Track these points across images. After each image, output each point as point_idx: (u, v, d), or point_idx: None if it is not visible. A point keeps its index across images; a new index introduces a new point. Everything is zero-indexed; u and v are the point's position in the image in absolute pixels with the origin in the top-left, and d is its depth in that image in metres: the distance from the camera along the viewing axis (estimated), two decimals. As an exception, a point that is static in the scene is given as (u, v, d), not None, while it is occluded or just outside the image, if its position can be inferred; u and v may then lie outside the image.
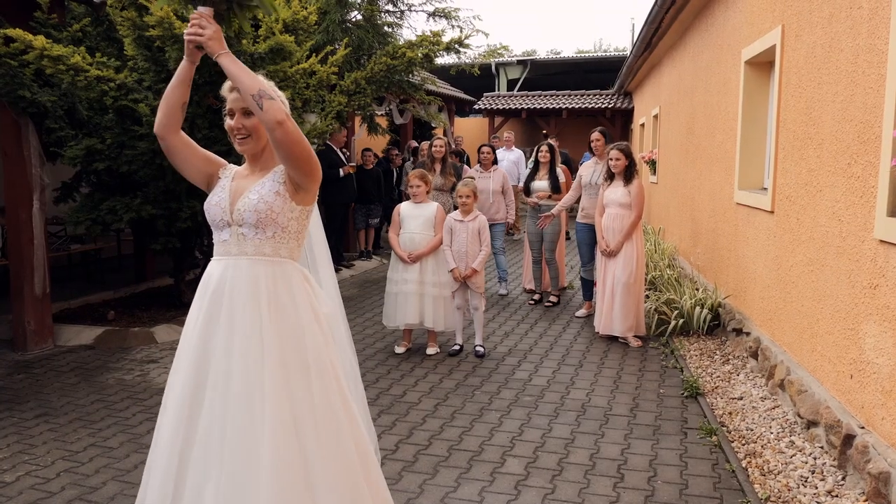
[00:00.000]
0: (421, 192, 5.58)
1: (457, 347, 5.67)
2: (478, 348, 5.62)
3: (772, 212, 4.88)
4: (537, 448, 3.80)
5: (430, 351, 5.68)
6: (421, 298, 5.51)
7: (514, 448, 3.80)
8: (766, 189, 5.39)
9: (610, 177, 6.08)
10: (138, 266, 8.74)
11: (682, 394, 4.62)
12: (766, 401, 4.37)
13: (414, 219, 5.51)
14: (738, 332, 5.53)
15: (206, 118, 5.28)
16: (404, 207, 5.63)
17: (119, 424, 4.23)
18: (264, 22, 5.89)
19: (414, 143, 12.49)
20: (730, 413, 4.25)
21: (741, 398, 4.48)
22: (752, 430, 3.97)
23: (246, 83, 2.11)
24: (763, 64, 5.62)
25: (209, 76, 5.04)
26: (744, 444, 3.77)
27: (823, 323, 3.86)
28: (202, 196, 2.42)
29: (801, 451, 3.61)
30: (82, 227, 5.69)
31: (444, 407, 4.45)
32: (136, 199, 5.62)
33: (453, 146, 13.31)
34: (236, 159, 2.67)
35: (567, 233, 9.15)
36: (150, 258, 8.62)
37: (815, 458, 3.49)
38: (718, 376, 4.95)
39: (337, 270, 9.36)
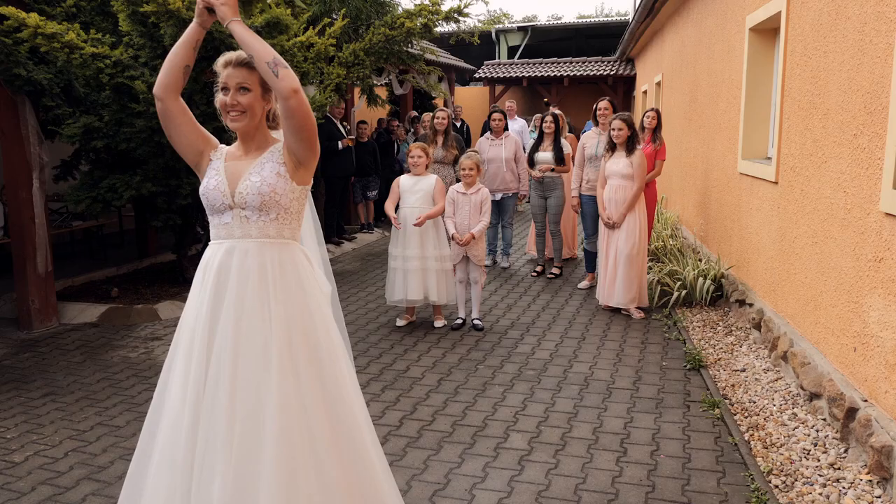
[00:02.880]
0: (421, 164, 5.54)
1: (459, 321, 5.68)
2: (475, 322, 5.63)
3: (776, 182, 4.84)
4: (540, 423, 3.82)
5: (438, 324, 5.69)
6: (424, 273, 5.50)
7: (517, 423, 3.82)
8: (770, 159, 5.35)
9: (612, 147, 6.02)
10: (140, 242, 8.74)
11: (685, 366, 4.64)
12: (769, 373, 4.39)
13: (413, 193, 5.48)
14: (741, 303, 5.53)
15: (203, 94, 5.21)
16: (403, 180, 5.60)
17: (125, 403, 4.26)
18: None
19: (414, 114, 12.38)
20: (732, 385, 4.26)
21: (744, 370, 4.49)
22: (754, 402, 3.98)
23: (259, 50, 2.09)
24: (768, 31, 5.53)
25: (206, 51, 4.96)
26: (746, 417, 3.79)
27: (827, 295, 3.84)
28: None
29: (803, 423, 3.62)
30: (82, 206, 5.66)
31: (447, 382, 4.47)
32: (136, 177, 5.59)
33: (457, 113, 13.20)
34: (229, 140, 2.63)
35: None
36: (153, 234, 8.61)
37: (817, 431, 3.51)
38: (721, 348, 4.96)
39: (339, 244, 9.35)
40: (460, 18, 8.07)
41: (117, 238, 9.63)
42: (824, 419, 3.62)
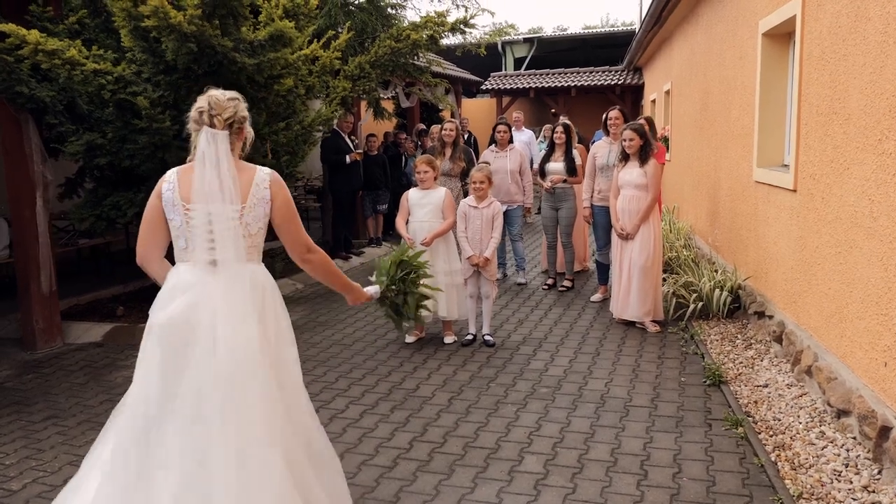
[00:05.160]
0: (428, 178, 5.43)
1: (470, 337, 5.55)
2: (487, 338, 5.49)
3: (794, 190, 4.69)
4: (556, 444, 3.68)
5: (448, 340, 5.56)
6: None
7: (531, 444, 3.68)
8: (787, 167, 5.20)
9: (624, 157, 5.90)
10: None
11: (705, 382, 4.48)
12: (793, 388, 4.23)
13: (421, 207, 5.37)
14: (761, 315, 5.37)
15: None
16: (412, 195, 5.49)
17: (128, 426, 4.14)
18: (264, 8, 5.73)
19: (421, 126, 12.30)
20: (755, 402, 4.10)
21: (766, 385, 4.33)
22: (779, 419, 3.82)
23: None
24: (781, 36, 5.40)
25: (210, 65, 4.89)
26: (772, 436, 3.63)
27: (853, 307, 3.69)
28: None
29: (832, 442, 3.46)
30: (87, 224, 5.58)
31: (458, 401, 4.33)
32: (140, 194, 5.50)
33: (463, 125, 13.11)
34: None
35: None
36: (160, 251, 8.52)
37: (847, 451, 3.35)
38: (741, 362, 4.80)
39: (346, 258, 9.25)
40: (466, 30, 8.00)
41: (124, 255, 9.55)
42: (854, 438, 3.46)
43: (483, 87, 18.13)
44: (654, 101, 14.12)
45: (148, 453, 2.30)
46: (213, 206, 2.36)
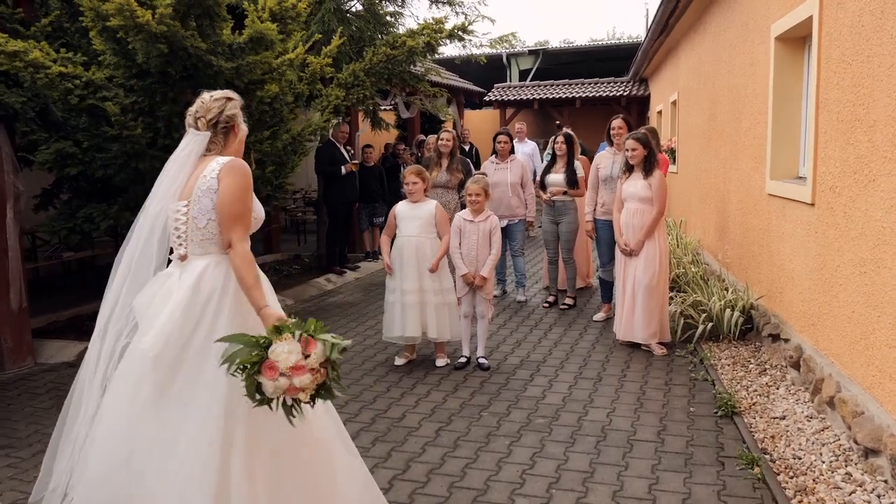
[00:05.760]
0: (418, 189, 5.10)
1: (463, 359, 5.19)
2: (481, 360, 5.14)
3: (812, 204, 4.34)
4: (551, 484, 3.31)
5: (440, 363, 5.21)
6: (422, 308, 5.04)
7: (524, 485, 3.32)
8: (803, 178, 4.86)
9: (628, 169, 5.56)
10: (134, 273, 8.35)
11: (716, 412, 4.11)
12: (813, 421, 3.85)
13: (411, 220, 5.04)
14: (775, 337, 5.00)
15: (183, 117, 4.83)
16: (401, 208, 5.16)
17: (86, 459, 3.80)
18: (250, 11, 5.43)
19: (421, 137, 12.00)
20: (772, 437, 3.73)
21: (784, 417, 3.96)
22: (799, 458, 3.45)
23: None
24: (796, 40, 5.07)
25: (185, 70, 4.59)
26: (792, 477, 3.26)
27: (882, 333, 3.33)
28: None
29: (860, 486, 3.09)
30: (59, 237, 5.26)
31: (446, 432, 3.97)
32: (114, 206, 5.19)
33: (464, 136, 12.81)
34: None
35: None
36: (146, 264, 8.21)
37: (879, 497, 2.97)
38: (755, 390, 4.43)
39: (341, 273, 8.92)
40: (465, 36, 7.70)
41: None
42: (886, 481, 3.08)
43: (486, 99, 17.86)
44: (660, 113, 13.80)
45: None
46: (170, 204, 2.54)
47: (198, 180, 2.49)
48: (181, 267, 2.51)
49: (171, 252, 2.60)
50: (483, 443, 3.81)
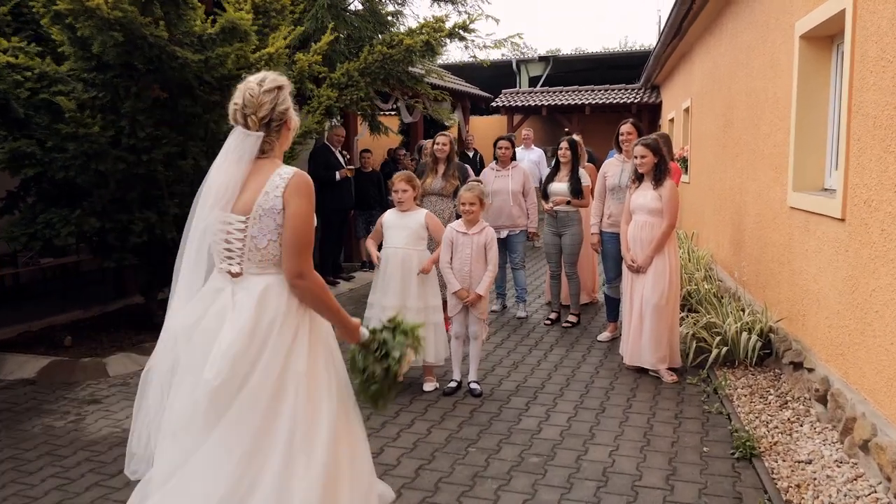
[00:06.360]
0: (407, 198, 4.68)
1: (454, 384, 4.75)
2: (473, 386, 4.69)
3: (842, 220, 3.88)
4: (542, 542, 2.86)
5: (427, 387, 4.77)
6: (404, 327, 4.60)
7: (510, 542, 2.87)
8: (831, 191, 4.39)
9: (637, 178, 5.11)
10: (117, 280, 7.98)
11: (733, 454, 3.64)
12: (844, 466, 3.38)
13: (398, 230, 4.61)
14: (797, 366, 4.52)
15: (149, 114, 4.42)
16: (388, 217, 4.74)
17: (21, 496, 3.38)
18: (229, 2, 5.03)
19: (422, 142, 11.58)
20: (797, 486, 3.26)
21: (810, 461, 3.49)
22: (831, 514, 2.98)
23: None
24: (822, 38, 4.62)
25: (150, 63, 4.18)
26: (823, 541, 2.79)
27: (929, 373, 2.86)
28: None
29: (906, 556, 2.62)
30: (19, 243, 4.87)
31: (427, 472, 3.52)
32: (77, 211, 4.78)
33: (468, 142, 12.39)
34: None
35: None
36: (130, 271, 7.82)
37: (930, 572, 2.50)
38: (776, 427, 3.95)
39: (334, 284, 8.49)
40: (466, 35, 7.28)
41: (98, 275, 8.84)
42: (936, 550, 2.61)
43: (494, 105, 17.45)
44: (671, 120, 13.34)
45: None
46: (217, 214, 2.26)
47: (258, 195, 2.22)
48: (233, 283, 2.29)
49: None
50: (467, 486, 3.36)
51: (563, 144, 6.33)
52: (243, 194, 2.24)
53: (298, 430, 2.22)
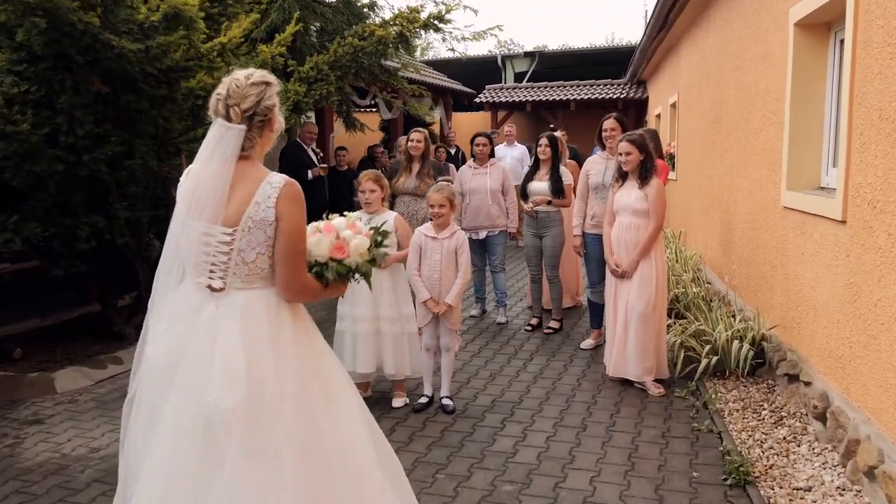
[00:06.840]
0: (375, 198, 4.34)
1: (424, 399, 4.40)
2: (445, 401, 4.35)
3: (843, 221, 3.56)
4: (512, 593, 2.52)
5: (397, 403, 4.43)
6: (377, 339, 4.27)
7: (476, 593, 2.53)
8: (829, 190, 4.09)
9: (622, 176, 4.79)
10: (80, 286, 7.57)
11: (725, 480, 3.32)
12: (847, 495, 3.07)
13: (364, 234, 4.25)
14: (793, 378, 4.22)
15: (89, 110, 4.03)
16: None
17: (-70, 537, 3.01)
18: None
19: (401, 139, 11.24)
20: (797, 519, 2.95)
21: (809, 488, 3.17)
22: (836, 555, 2.67)
23: None
24: (819, 25, 4.31)
25: (86, 54, 3.80)
26: (829, 588, 2.48)
27: (945, 396, 2.55)
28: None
29: None
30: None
31: None
32: (14, 216, 4.39)
33: (450, 139, 12.03)
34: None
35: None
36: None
37: None
38: (771, 447, 3.64)
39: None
40: (441, 26, 6.93)
41: (69, 281, 8.40)
42: None
43: (477, 100, 17.11)
44: (658, 116, 13.06)
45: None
46: (198, 224, 2.11)
47: (247, 206, 2.09)
48: (215, 299, 2.14)
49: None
50: (432, 522, 3.02)
51: (543, 141, 6.00)
52: (228, 204, 2.10)
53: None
